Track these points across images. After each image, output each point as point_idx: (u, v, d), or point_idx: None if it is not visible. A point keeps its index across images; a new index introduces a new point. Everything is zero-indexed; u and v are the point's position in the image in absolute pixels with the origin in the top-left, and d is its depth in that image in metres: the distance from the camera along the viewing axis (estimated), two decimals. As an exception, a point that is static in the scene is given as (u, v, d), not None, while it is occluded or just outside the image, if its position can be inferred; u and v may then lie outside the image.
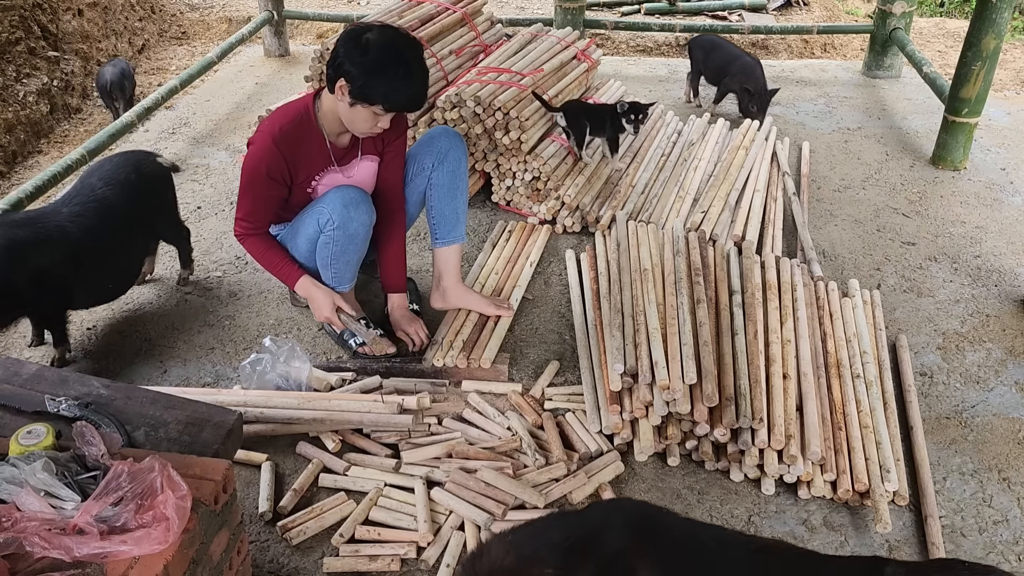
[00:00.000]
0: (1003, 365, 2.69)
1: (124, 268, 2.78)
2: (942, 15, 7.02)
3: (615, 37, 6.00)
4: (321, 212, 2.47)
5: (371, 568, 1.97)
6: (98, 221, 2.58)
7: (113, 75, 4.49)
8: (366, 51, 2.23)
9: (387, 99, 2.27)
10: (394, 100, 2.29)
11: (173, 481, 1.37)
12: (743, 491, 2.21)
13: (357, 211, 2.46)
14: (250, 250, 2.60)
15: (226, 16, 6.22)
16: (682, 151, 3.87)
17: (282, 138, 2.39)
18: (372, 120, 2.33)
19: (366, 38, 2.25)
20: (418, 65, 2.31)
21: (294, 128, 2.41)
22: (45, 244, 2.46)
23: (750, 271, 2.72)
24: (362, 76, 2.23)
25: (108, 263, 2.66)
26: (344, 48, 2.26)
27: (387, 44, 2.25)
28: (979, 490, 2.23)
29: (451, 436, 2.34)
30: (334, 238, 2.48)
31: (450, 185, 2.67)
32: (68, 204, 2.60)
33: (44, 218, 2.54)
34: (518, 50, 3.84)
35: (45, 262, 2.45)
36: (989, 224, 3.51)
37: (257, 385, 2.44)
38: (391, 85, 2.25)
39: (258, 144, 2.43)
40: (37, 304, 2.53)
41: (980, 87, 3.71)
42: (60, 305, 2.61)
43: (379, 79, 2.23)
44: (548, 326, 2.85)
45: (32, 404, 1.73)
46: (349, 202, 2.45)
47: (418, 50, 2.34)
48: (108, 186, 2.65)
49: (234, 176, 3.86)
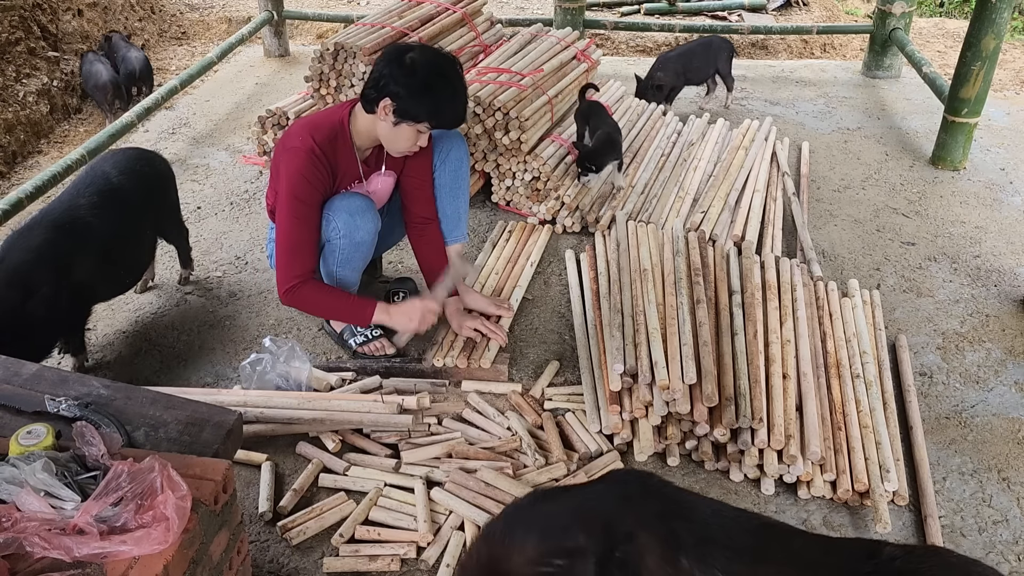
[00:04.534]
0: (1003, 365, 2.69)
1: (138, 257, 2.78)
2: (942, 15, 7.02)
3: (615, 37, 6.00)
4: (328, 220, 2.46)
5: (371, 568, 1.97)
6: (115, 211, 2.56)
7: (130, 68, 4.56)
8: (413, 71, 2.26)
9: (434, 117, 2.32)
10: (441, 117, 2.34)
11: (173, 481, 1.37)
12: (743, 491, 2.21)
13: (363, 219, 2.47)
14: (307, 304, 2.47)
15: (226, 16, 6.21)
16: (682, 151, 3.87)
17: (321, 151, 2.38)
18: (415, 138, 2.37)
19: (410, 58, 2.28)
20: (460, 82, 2.37)
21: (330, 144, 2.40)
22: (84, 249, 2.44)
23: (750, 271, 2.72)
24: (409, 96, 2.26)
25: (125, 254, 2.66)
26: (388, 68, 2.28)
27: (431, 63, 2.30)
28: (979, 490, 2.23)
29: (451, 436, 2.34)
30: (340, 246, 2.48)
31: (452, 185, 2.67)
32: (84, 195, 2.54)
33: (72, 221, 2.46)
34: (518, 50, 3.84)
35: (86, 268, 2.44)
36: (989, 224, 3.51)
37: (257, 385, 2.44)
38: (438, 103, 2.30)
39: (295, 158, 2.35)
40: (69, 315, 2.49)
41: (980, 87, 3.71)
42: (85, 310, 2.59)
43: (426, 98, 2.28)
44: (548, 326, 2.85)
45: (32, 404, 1.73)
46: (355, 210, 2.46)
47: (459, 67, 2.39)
48: (123, 175, 2.63)
49: (234, 176, 3.86)
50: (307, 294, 2.43)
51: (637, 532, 1.34)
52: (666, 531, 1.35)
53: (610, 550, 1.32)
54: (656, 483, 1.49)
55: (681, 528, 1.36)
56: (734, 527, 1.40)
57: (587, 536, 1.34)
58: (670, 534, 1.35)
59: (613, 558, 1.32)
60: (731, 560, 1.33)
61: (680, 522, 1.37)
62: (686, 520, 1.38)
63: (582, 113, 3.61)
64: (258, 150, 3.80)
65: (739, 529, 1.40)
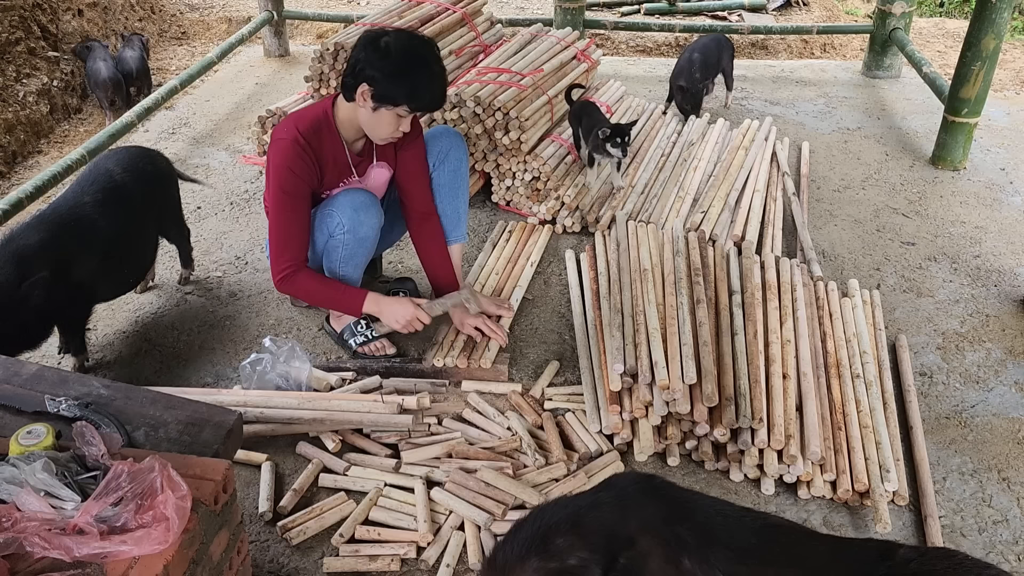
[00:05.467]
0: (1003, 365, 2.69)
1: (141, 257, 2.78)
2: (942, 15, 7.02)
3: (615, 37, 6.00)
4: (331, 216, 2.46)
5: (371, 568, 1.97)
6: (120, 209, 2.56)
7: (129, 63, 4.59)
8: (387, 54, 2.25)
9: (412, 99, 2.30)
10: (419, 99, 2.31)
11: (173, 481, 1.37)
12: (743, 491, 2.21)
13: (367, 215, 2.47)
14: (300, 291, 2.51)
15: (226, 16, 6.21)
16: (682, 151, 3.87)
17: (306, 141, 2.37)
18: (395, 123, 2.35)
19: (384, 41, 2.27)
20: (438, 64, 2.34)
21: (314, 134, 2.39)
22: (87, 245, 2.44)
23: (750, 271, 2.72)
24: (385, 79, 2.25)
25: (129, 252, 2.66)
26: (364, 53, 2.27)
27: (406, 45, 2.28)
28: (979, 490, 2.23)
29: (451, 436, 2.34)
30: (344, 242, 2.48)
31: (451, 185, 2.67)
32: (89, 192, 2.54)
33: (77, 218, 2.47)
34: (518, 50, 3.84)
35: (88, 266, 2.45)
36: (989, 224, 3.51)
37: (257, 385, 2.44)
38: (415, 85, 2.28)
39: (280, 150, 2.37)
40: (70, 310, 2.50)
41: (980, 87, 3.71)
42: (87, 308, 2.59)
43: (403, 80, 2.26)
44: (548, 326, 2.85)
45: (32, 404, 1.73)
46: (359, 206, 2.45)
47: (436, 49, 2.37)
48: (127, 173, 2.64)
49: (234, 176, 3.87)
50: (301, 281, 2.45)
51: (638, 537, 1.34)
52: (668, 533, 1.35)
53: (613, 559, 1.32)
54: (658, 485, 1.48)
55: (683, 529, 1.36)
56: (738, 527, 1.40)
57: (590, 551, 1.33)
58: (672, 536, 1.35)
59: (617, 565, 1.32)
60: (734, 561, 1.33)
61: (682, 523, 1.37)
62: (688, 521, 1.38)
63: (575, 114, 3.60)
64: (258, 150, 3.80)
65: (743, 529, 1.40)
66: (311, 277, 2.48)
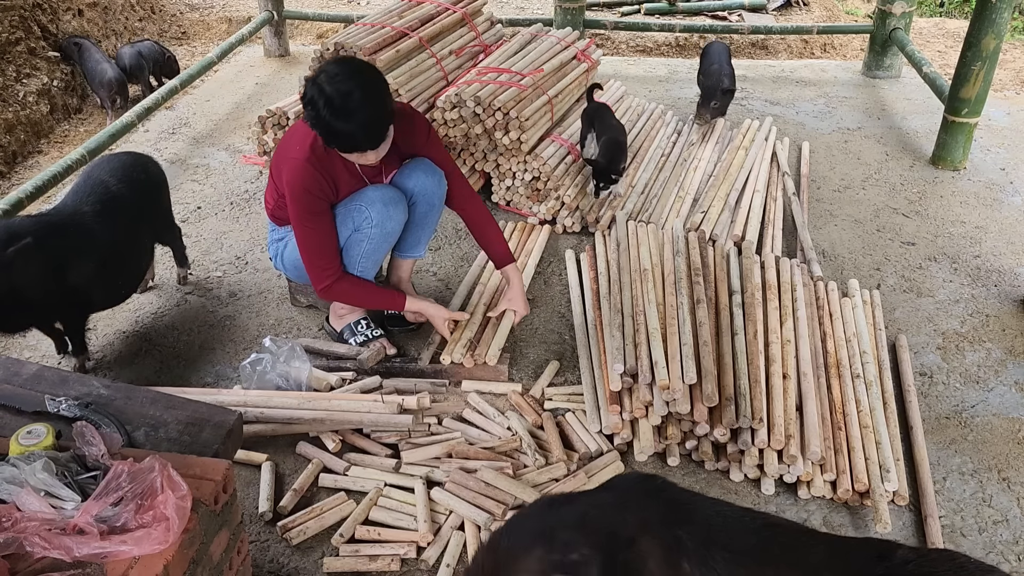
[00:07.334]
0: (1003, 365, 2.69)
1: (136, 268, 2.78)
2: (942, 15, 7.02)
3: (615, 37, 6.00)
4: (359, 210, 2.47)
5: (371, 568, 1.97)
6: (117, 220, 2.56)
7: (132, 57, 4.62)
8: (317, 114, 2.19)
9: (354, 150, 2.29)
10: (360, 147, 2.28)
11: (173, 481, 1.37)
12: (743, 491, 2.21)
13: (396, 209, 2.51)
14: (345, 296, 2.58)
15: (226, 16, 6.21)
16: (682, 151, 3.87)
17: (316, 158, 2.37)
18: (362, 159, 2.34)
19: (310, 96, 2.19)
20: (365, 109, 2.19)
21: (324, 151, 2.38)
22: (82, 250, 2.45)
23: (750, 271, 2.72)
24: (327, 136, 2.25)
25: (125, 263, 2.66)
26: (306, 109, 2.22)
27: (330, 99, 2.16)
28: (979, 490, 2.23)
29: (451, 436, 2.34)
30: (369, 236, 2.49)
31: (421, 221, 2.67)
32: (87, 203, 2.55)
33: (76, 223, 2.48)
34: (518, 50, 3.84)
35: (82, 271, 2.45)
36: (989, 224, 3.51)
37: (257, 385, 2.44)
38: (352, 140, 2.24)
39: (293, 169, 2.37)
40: (65, 310, 2.51)
41: (980, 87, 3.71)
42: (85, 311, 2.59)
43: (339, 138, 2.24)
44: (548, 326, 2.85)
45: (32, 404, 1.73)
46: (389, 201, 2.49)
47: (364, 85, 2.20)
48: (122, 184, 2.64)
49: (234, 176, 3.86)
50: (343, 288, 2.52)
51: (638, 538, 1.34)
52: (668, 535, 1.35)
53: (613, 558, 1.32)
54: (659, 486, 1.48)
55: (683, 531, 1.36)
56: (738, 528, 1.40)
57: (590, 548, 1.33)
58: (672, 538, 1.35)
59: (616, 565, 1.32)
60: (733, 562, 1.33)
61: (682, 525, 1.37)
62: (688, 523, 1.38)
63: (588, 114, 3.60)
64: (258, 150, 3.80)
65: (743, 530, 1.40)
66: (351, 283, 2.53)
